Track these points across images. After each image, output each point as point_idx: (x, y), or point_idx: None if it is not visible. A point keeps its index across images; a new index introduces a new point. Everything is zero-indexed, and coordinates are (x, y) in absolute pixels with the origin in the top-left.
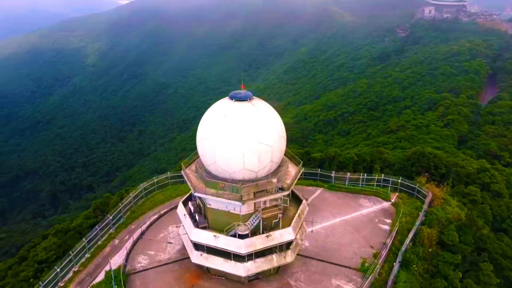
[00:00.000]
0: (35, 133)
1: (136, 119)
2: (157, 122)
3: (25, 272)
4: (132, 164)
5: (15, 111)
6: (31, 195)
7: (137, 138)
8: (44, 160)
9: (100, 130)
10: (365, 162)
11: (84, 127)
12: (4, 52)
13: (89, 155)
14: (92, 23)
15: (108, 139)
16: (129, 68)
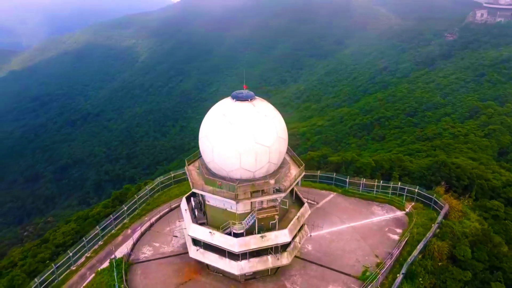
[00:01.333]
0: (85, 124)
1: (179, 115)
2: (198, 119)
3: (42, 253)
4: (172, 158)
5: (69, 102)
6: (77, 182)
7: (178, 134)
8: (91, 151)
9: (144, 124)
10: (383, 168)
11: (129, 121)
12: (62, 47)
13: (133, 147)
14: (143, 21)
15: (151, 133)
16: (175, 65)
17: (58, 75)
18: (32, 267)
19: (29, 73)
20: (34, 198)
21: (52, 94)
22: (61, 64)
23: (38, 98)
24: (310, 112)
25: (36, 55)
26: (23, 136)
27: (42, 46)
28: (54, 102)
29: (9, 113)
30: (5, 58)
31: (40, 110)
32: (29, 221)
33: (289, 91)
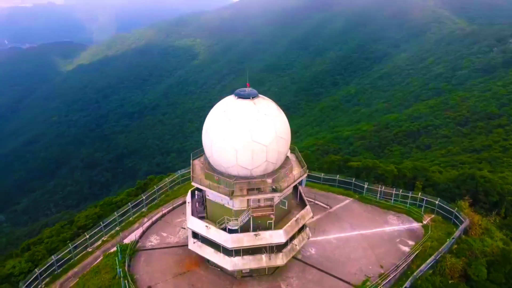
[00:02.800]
0: (141, 117)
1: None
2: None
3: (65, 233)
4: None
5: (128, 96)
6: (130, 172)
7: None
8: (145, 142)
9: (196, 120)
10: (406, 177)
11: (182, 116)
12: (127, 43)
13: (184, 142)
14: (202, 19)
15: (201, 129)
16: (229, 64)
17: (121, 70)
18: (54, 245)
19: (95, 66)
20: (91, 184)
21: (114, 87)
22: (124, 59)
23: (101, 91)
24: (359, 116)
25: (103, 50)
26: (85, 125)
27: (109, 42)
28: (115, 94)
29: (75, 103)
30: (76, 52)
31: (102, 102)
32: (85, 206)
33: (340, 94)
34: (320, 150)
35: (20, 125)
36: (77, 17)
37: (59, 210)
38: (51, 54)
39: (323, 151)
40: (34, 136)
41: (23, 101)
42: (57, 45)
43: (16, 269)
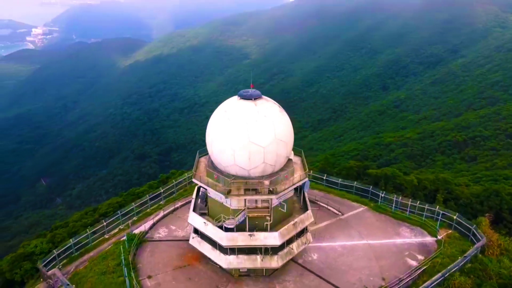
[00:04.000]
0: (191, 113)
1: None
2: (294, 118)
3: (86, 219)
4: None
5: (179, 92)
6: (177, 166)
7: None
8: (192, 138)
9: None
10: (427, 189)
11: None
12: (182, 40)
13: None
14: (256, 19)
15: None
16: (279, 63)
17: (175, 66)
18: (74, 229)
19: (151, 62)
20: (139, 174)
21: (167, 82)
22: (178, 56)
23: (155, 86)
24: (406, 122)
25: (159, 46)
26: (138, 118)
27: (165, 38)
28: (168, 90)
29: (130, 97)
30: (135, 48)
31: (155, 96)
32: None
33: (388, 98)
34: (359, 156)
35: (80, 115)
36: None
37: (109, 197)
38: (112, 49)
39: (362, 157)
40: (91, 126)
41: (84, 93)
42: (118, 41)
43: (37, 248)
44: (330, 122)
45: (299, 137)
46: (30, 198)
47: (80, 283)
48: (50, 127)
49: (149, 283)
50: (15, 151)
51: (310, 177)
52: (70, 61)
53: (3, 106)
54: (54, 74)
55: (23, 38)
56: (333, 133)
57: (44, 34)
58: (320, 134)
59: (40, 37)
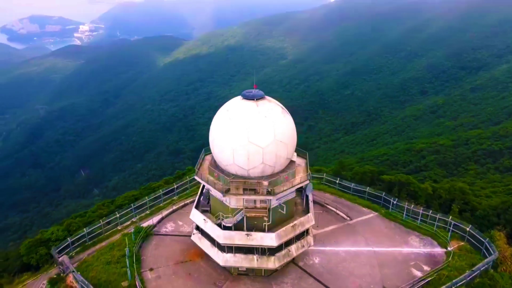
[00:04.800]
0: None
1: (309, 114)
2: (327, 120)
3: (102, 210)
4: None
5: (215, 90)
6: None
7: (305, 132)
8: None
9: None
10: (442, 198)
11: None
12: (220, 39)
13: None
14: (295, 19)
15: None
16: (314, 64)
17: (212, 65)
18: (90, 219)
19: (189, 60)
20: (172, 170)
21: (204, 80)
22: (216, 54)
23: (192, 83)
24: (442, 129)
25: (198, 45)
26: (174, 114)
27: (204, 37)
28: (204, 88)
29: (168, 93)
30: (175, 46)
31: (191, 94)
32: None
33: (426, 103)
34: (389, 161)
35: (120, 110)
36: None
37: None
38: (153, 46)
39: (392, 162)
40: (130, 121)
41: (125, 88)
42: (159, 38)
43: (53, 235)
44: (364, 125)
45: (332, 140)
46: (69, 187)
47: (86, 271)
48: (91, 120)
49: (150, 275)
50: (58, 142)
51: (324, 180)
52: (113, 57)
53: (50, 99)
54: (97, 70)
55: (71, 35)
56: (366, 136)
57: (91, 31)
58: (353, 137)
59: (86, 34)
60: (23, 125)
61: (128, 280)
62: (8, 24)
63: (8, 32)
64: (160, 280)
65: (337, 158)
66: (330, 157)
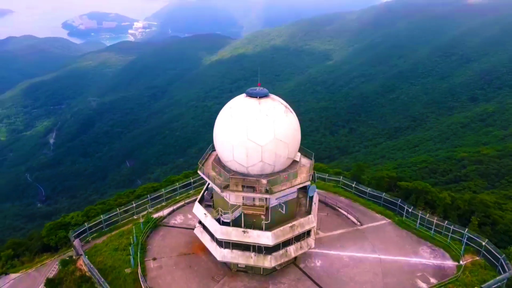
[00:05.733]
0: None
1: (351, 117)
2: (370, 124)
3: (122, 199)
4: (334, 158)
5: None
6: None
7: (346, 135)
8: None
9: (317, 120)
10: (461, 209)
11: (305, 114)
12: (266, 39)
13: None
14: (344, 19)
15: (320, 130)
16: (360, 66)
17: (257, 63)
18: (109, 207)
19: (235, 59)
20: None
21: (248, 79)
22: (262, 54)
23: (236, 81)
24: (489, 138)
25: (245, 44)
26: (217, 111)
27: (251, 36)
28: (248, 86)
29: (212, 90)
30: (222, 44)
31: (235, 92)
32: None
33: (475, 111)
34: (427, 169)
35: (166, 105)
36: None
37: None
38: (201, 44)
39: (430, 170)
40: (174, 116)
41: (172, 84)
42: (208, 36)
43: (73, 220)
44: (408, 131)
45: (373, 144)
46: (115, 177)
47: (94, 255)
48: (139, 114)
49: (152, 264)
50: (107, 133)
51: (340, 184)
52: (163, 54)
53: (102, 92)
54: (147, 65)
55: (126, 31)
56: (409, 142)
57: (144, 28)
58: (395, 142)
59: (140, 30)
60: (76, 116)
61: (131, 268)
62: (69, 20)
63: (69, 27)
64: (161, 270)
65: (376, 163)
66: (369, 162)
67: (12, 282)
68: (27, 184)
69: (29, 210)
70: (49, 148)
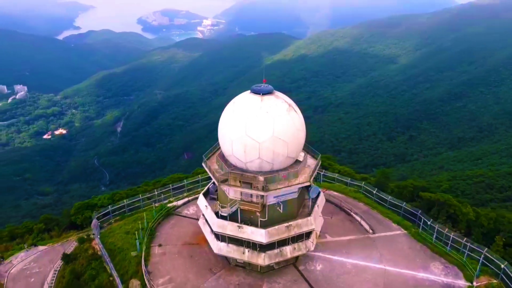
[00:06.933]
0: (324, 112)
1: (412, 123)
2: (431, 132)
3: (147, 187)
4: (391, 164)
5: (317, 90)
6: None
7: (405, 142)
8: (321, 137)
9: (375, 125)
10: (484, 227)
11: (362, 118)
12: (329, 40)
13: (357, 144)
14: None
15: (378, 135)
16: (426, 71)
17: (318, 64)
18: (134, 193)
19: (297, 58)
20: None
21: (308, 79)
22: (324, 54)
23: (296, 81)
24: None
25: (307, 44)
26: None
27: (315, 36)
28: (307, 87)
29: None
30: (286, 43)
31: (294, 92)
32: None
33: None
34: (484, 183)
35: (226, 101)
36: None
37: None
38: (265, 43)
39: (487, 185)
40: None
41: (233, 81)
42: (272, 35)
43: (100, 201)
44: (472, 142)
45: (433, 153)
46: (173, 168)
47: (107, 236)
48: (200, 108)
49: (157, 250)
50: (169, 125)
51: (362, 189)
52: (227, 51)
53: (167, 86)
54: (211, 62)
55: (195, 28)
56: (471, 154)
57: (212, 25)
58: (457, 153)
59: (208, 28)
60: (142, 107)
61: (137, 251)
62: (143, 16)
63: (143, 23)
64: (164, 256)
65: (434, 173)
66: (426, 172)
67: (38, 254)
68: (94, 168)
69: (94, 192)
70: (116, 136)
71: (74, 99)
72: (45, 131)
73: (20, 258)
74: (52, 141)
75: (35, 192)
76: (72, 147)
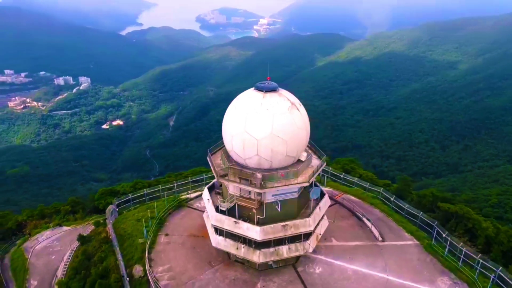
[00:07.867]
0: (375, 116)
1: (468, 132)
2: (489, 143)
3: (169, 178)
4: (441, 175)
5: (370, 93)
6: None
7: (458, 152)
8: (370, 141)
9: (428, 132)
10: (503, 245)
11: (415, 124)
12: (386, 42)
13: (407, 151)
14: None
15: (430, 143)
16: (489, 78)
17: (372, 67)
18: (156, 184)
19: (351, 60)
20: None
21: (360, 82)
22: (379, 57)
23: (347, 83)
24: None
25: (363, 45)
26: (323, 112)
27: (372, 38)
28: (359, 89)
29: (322, 91)
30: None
31: (345, 94)
32: None
33: None
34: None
35: None
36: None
37: None
38: (320, 43)
39: None
40: None
41: (285, 81)
42: (328, 36)
43: (122, 189)
44: None
45: (489, 165)
46: None
47: (120, 222)
48: None
49: (163, 239)
50: (219, 122)
51: (380, 195)
52: (280, 51)
53: (220, 83)
54: (265, 61)
55: (251, 27)
56: None
57: (268, 25)
58: None
59: (264, 27)
60: (194, 103)
61: (144, 238)
62: (202, 14)
63: (201, 21)
64: (169, 245)
65: (487, 187)
66: (479, 184)
67: (62, 234)
68: (145, 159)
69: None
70: (168, 129)
71: (132, 92)
72: (103, 121)
73: (45, 236)
74: (109, 131)
75: (91, 178)
76: (127, 138)
